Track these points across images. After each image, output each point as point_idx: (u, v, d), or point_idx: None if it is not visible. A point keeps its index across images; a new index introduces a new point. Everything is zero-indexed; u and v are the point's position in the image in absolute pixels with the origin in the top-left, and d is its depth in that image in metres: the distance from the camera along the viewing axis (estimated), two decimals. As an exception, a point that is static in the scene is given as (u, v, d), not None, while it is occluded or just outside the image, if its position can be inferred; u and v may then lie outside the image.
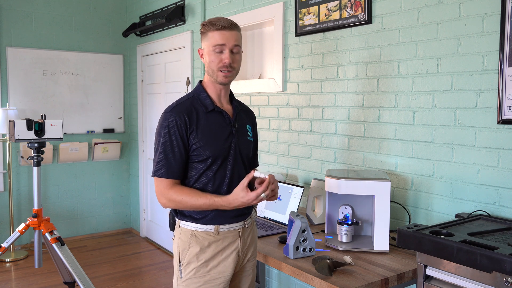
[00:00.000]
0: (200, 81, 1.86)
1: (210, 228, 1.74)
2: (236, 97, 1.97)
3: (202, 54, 1.79)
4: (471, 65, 1.97)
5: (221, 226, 1.75)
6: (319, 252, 1.96)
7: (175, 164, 1.70)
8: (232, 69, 1.75)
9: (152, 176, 1.74)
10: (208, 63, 1.75)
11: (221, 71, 1.73)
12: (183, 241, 1.77)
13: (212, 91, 1.81)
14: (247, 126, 1.91)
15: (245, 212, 1.82)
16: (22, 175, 4.69)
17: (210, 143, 1.72)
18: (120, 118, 5.27)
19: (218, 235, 1.75)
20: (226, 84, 1.79)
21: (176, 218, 1.82)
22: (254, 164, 2.01)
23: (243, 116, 1.91)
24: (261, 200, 1.66)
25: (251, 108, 3.36)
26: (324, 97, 2.72)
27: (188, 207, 1.71)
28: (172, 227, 1.85)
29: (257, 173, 1.68)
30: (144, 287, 3.77)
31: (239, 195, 1.64)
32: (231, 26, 1.74)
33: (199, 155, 1.72)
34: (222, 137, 1.76)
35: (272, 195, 1.71)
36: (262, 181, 1.73)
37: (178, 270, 1.79)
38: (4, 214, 4.60)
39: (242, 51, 1.82)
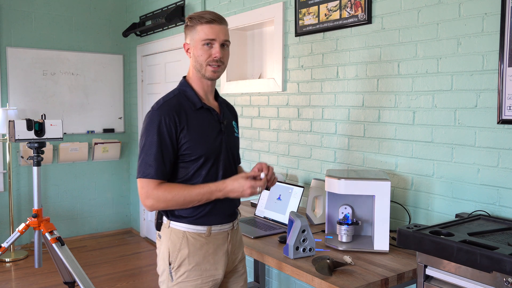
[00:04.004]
0: (184, 77, 1.78)
1: (202, 229, 1.71)
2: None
3: (188, 48, 1.73)
4: (471, 65, 1.97)
5: (213, 227, 1.72)
6: (319, 252, 1.96)
7: (164, 164, 1.63)
8: (221, 64, 1.70)
9: (139, 178, 1.64)
10: (196, 57, 1.70)
11: (210, 65, 1.68)
12: (174, 243, 1.71)
13: (198, 87, 1.75)
14: (233, 122, 1.88)
15: (235, 212, 1.82)
16: (22, 175, 4.69)
17: (201, 141, 1.67)
18: (120, 118, 5.27)
19: (209, 237, 1.72)
20: (214, 80, 1.75)
21: (164, 218, 1.76)
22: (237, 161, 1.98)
23: (228, 113, 1.87)
24: (254, 192, 1.63)
25: (251, 108, 3.38)
26: (324, 97, 2.72)
27: (180, 203, 1.63)
28: (158, 226, 1.78)
29: (262, 174, 1.66)
30: (144, 287, 3.77)
31: (239, 181, 1.62)
32: (221, 19, 1.70)
33: (190, 154, 1.66)
34: (212, 135, 1.72)
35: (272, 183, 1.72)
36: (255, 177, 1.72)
37: (168, 273, 1.73)
38: (4, 214, 4.60)
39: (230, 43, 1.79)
